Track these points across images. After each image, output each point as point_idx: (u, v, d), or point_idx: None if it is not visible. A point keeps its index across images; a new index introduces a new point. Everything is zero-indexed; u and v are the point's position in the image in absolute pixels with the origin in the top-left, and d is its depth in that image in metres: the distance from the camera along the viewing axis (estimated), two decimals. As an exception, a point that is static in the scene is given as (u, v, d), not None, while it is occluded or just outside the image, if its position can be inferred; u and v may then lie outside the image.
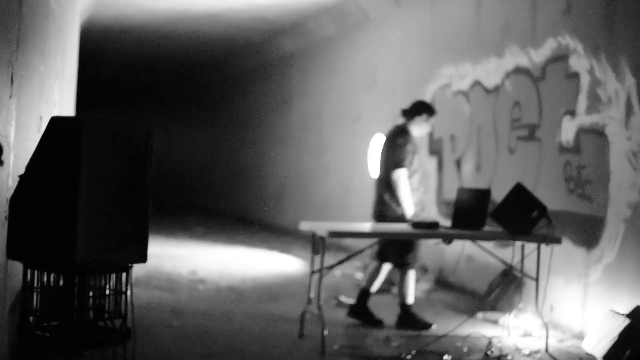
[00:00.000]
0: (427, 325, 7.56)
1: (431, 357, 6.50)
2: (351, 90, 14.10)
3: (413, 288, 7.77)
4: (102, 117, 4.38)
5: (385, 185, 7.73)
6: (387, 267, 7.81)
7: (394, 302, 8.51)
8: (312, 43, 15.87)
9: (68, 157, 3.99)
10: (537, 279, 7.10)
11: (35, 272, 4.18)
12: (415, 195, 7.69)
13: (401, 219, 7.58)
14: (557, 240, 7.13)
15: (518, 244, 7.38)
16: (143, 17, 15.52)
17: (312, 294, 7.10)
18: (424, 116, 7.80)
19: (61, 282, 4.14)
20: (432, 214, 10.30)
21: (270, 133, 18.72)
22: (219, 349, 6.51)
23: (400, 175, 7.59)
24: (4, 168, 4.38)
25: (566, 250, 7.64)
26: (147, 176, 4.26)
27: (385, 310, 8.18)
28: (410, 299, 7.68)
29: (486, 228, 7.31)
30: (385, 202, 7.72)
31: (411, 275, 7.68)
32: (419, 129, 7.80)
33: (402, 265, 7.69)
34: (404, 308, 7.67)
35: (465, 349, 6.80)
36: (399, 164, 7.60)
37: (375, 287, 7.83)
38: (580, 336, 7.33)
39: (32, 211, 4.11)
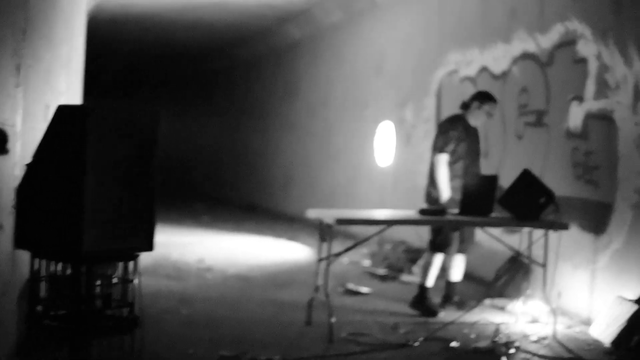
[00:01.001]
0: (433, 313, 7.59)
1: (439, 344, 6.50)
2: (358, 77, 14.08)
3: (435, 272, 7.86)
4: (108, 105, 4.38)
5: (430, 169, 7.87)
6: (451, 258, 7.97)
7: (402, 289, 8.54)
8: (319, 30, 15.84)
9: (74, 145, 3.99)
10: (544, 265, 7.10)
11: (43, 261, 4.18)
12: (457, 181, 7.73)
13: (436, 202, 7.69)
14: (565, 227, 7.12)
15: (526, 230, 7.38)
16: (149, 4, 15.50)
17: (320, 282, 7.10)
18: (476, 103, 7.85)
19: (69, 271, 4.15)
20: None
21: (277, 120, 18.71)
22: (227, 336, 6.52)
23: (440, 160, 7.70)
24: (10, 157, 4.38)
25: (574, 236, 7.62)
26: (153, 164, 4.26)
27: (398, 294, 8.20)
28: (428, 282, 7.80)
29: (494, 214, 7.31)
30: (427, 186, 7.89)
31: (437, 259, 7.80)
32: (474, 118, 7.87)
33: (431, 248, 7.85)
34: (421, 289, 7.80)
35: (473, 336, 6.80)
36: (439, 149, 7.72)
37: (454, 277, 8.03)
38: (588, 322, 7.32)
39: (39, 200, 4.11)
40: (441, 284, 8.06)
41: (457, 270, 8.02)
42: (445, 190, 7.65)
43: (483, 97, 7.88)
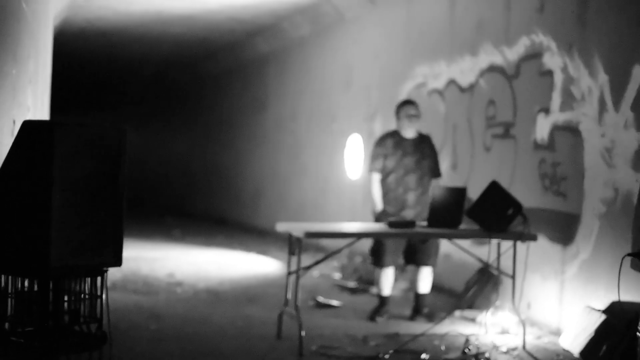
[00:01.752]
0: (370, 316, 8.01)
1: (409, 356, 6.51)
2: (327, 91, 14.11)
3: (384, 283, 8.07)
4: (75, 120, 4.36)
5: None
6: (424, 270, 8.16)
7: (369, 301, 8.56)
8: (288, 44, 15.86)
9: (41, 161, 3.97)
10: (513, 277, 7.13)
11: (10, 277, 4.15)
12: (392, 194, 7.96)
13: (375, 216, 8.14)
14: (533, 238, 7.16)
15: (494, 241, 7.41)
16: (117, 19, 15.46)
17: (290, 295, 7.10)
18: (396, 116, 8.14)
19: (36, 287, 4.11)
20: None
21: (246, 134, 18.70)
22: (197, 351, 6.49)
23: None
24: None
25: (542, 247, 7.67)
26: (120, 179, 4.24)
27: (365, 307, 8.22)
28: (382, 292, 8.08)
29: (462, 226, 7.34)
30: None
31: (380, 272, 8.10)
32: (402, 129, 8.08)
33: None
34: (378, 298, 8.17)
35: (443, 348, 6.81)
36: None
37: (421, 289, 8.18)
38: (557, 332, 7.36)
39: (5, 216, 4.08)
40: (413, 295, 8.09)
41: (424, 283, 8.06)
42: (377, 205, 8.06)
43: (397, 107, 8.18)
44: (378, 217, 8.01)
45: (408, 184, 7.95)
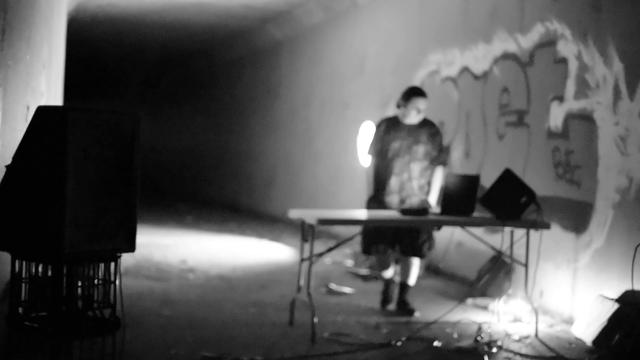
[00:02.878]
0: (383, 304, 7.95)
1: (421, 344, 6.51)
2: (340, 78, 14.08)
3: (382, 269, 7.97)
4: (89, 106, 4.36)
5: None
6: (412, 260, 7.95)
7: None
8: (301, 31, 15.84)
9: (55, 146, 3.98)
10: (526, 265, 7.12)
11: (24, 262, 4.16)
12: (397, 179, 7.76)
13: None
14: (546, 226, 7.15)
15: (507, 229, 7.39)
16: (130, 5, 15.47)
17: (302, 282, 7.10)
18: (402, 101, 7.81)
19: (49, 272, 4.13)
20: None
21: (259, 121, 18.70)
22: (209, 337, 6.51)
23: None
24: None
25: (555, 235, 7.65)
26: (134, 165, 4.25)
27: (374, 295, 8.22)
28: (384, 276, 8.00)
29: (475, 214, 7.33)
30: None
31: (375, 259, 8.16)
32: (405, 116, 7.81)
33: None
34: (383, 283, 8.09)
35: (455, 335, 6.81)
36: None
37: (403, 279, 7.97)
38: (569, 321, 7.35)
39: (19, 201, 4.09)
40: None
41: (408, 273, 7.95)
42: (368, 188, 7.94)
43: (408, 94, 7.80)
44: (367, 203, 7.90)
45: (392, 169, 7.76)
